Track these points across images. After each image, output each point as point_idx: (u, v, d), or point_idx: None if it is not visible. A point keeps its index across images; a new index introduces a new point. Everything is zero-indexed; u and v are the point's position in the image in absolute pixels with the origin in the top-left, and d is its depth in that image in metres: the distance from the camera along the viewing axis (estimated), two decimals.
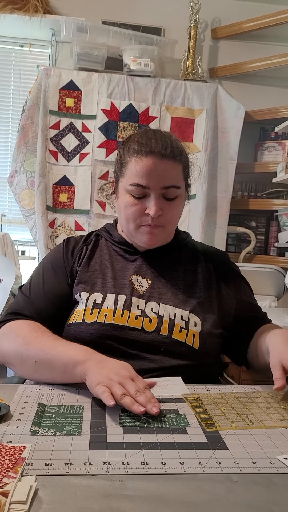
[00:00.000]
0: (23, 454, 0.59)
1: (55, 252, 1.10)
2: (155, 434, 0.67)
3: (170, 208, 0.99)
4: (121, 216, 1.04)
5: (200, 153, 2.39)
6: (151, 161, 0.95)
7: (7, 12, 2.38)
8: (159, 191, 0.97)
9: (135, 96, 2.39)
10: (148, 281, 1.03)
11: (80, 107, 2.38)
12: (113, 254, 1.08)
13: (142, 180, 0.96)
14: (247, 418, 0.73)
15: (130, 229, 1.02)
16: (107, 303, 0.98)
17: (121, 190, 1.02)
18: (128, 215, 1.00)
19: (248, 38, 2.68)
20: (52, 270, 1.06)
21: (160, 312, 0.97)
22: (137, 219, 0.99)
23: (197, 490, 0.54)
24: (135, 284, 1.01)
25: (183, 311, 0.98)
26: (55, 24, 2.46)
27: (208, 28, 2.70)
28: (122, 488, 0.53)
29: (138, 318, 0.96)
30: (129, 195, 0.99)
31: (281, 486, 0.55)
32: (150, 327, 0.96)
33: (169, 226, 1.03)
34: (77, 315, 0.99)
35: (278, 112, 2.56)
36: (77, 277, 1.03)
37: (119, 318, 0.96)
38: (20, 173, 2.38)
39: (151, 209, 0.96)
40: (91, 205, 2.40)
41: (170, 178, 0.97)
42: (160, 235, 1.02)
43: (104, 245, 1.10)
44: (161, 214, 0.98)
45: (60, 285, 1.04)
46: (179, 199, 1.01)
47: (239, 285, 1.10)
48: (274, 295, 2.36)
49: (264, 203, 2.60)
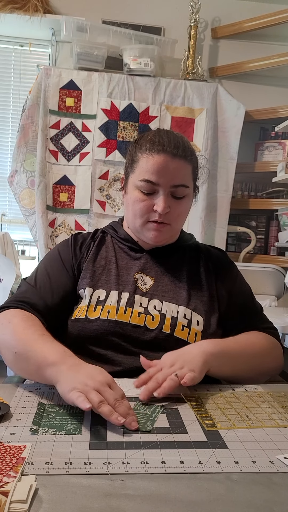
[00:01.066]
0: (23, 453, 0.59)
1: (63, 246, 1.10)
2: (155, 434, 0.67)
3: (177, 206, 1.00)
4: (129, 212, 1.04)
5: (200, 152, 2.39)
6: (163, 159, 0.97)
7: (7, 11, 2.38)
8: (168, 189, 0.98)
9: (135, 95, 2.39)
10: (152, 279, 1.03)
11: (80, 107, 2.38)
12: (118, 251, 1.08)
13: (152, 177, 0.97)
14: (247, 418, 0.73)
15: (137, 225, 1.02)
16: (110, 299, 0.98)
17: (130, 186, 1.03)
18: (136, 210, 1.00)
19: (248, 38, 2.68)
20: (60, 263, 1.05)
21: (162, 310, 0.98)
22: (144, 215, 1.00)
23: (197, 489, 0.54)
24: (138, 282, 1.02)
25: (186, 310, 0.99)
26: (55, 24, 2.46)
27: (208, 27, 2.70)
28: (122, 488, 0.53)
29: (141, 316, 0.97)
30: (138, 191, 1.00)
31: (281, 485, 0.56)
32: (152, 324, 0.96)
33: (175, 225, 1.03)
34: (80, 311, 0.99)
35: (278, 111, 2.56)
36: (83, 272, 1.03)
37: (122, 315, 0.96)
38: (20, 173, 2.38)
39: (159, 205, 0.97)
40: (91, 205, 2.40)
41: (180, 177, 0.98)
42: (166, 233, 1.03)
43: (110, 242, 1.10)
44: (168, 212, 0.99)
45: (67, 278, 1.03)
46: (187, 199, 1.02)
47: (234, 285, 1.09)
48: (274, 295, 2.36)
49: (264, 202, 2.61)
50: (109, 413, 0.67)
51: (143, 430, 0.67)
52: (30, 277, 1.05)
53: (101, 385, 0.71)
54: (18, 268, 2.36)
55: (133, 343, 0.95)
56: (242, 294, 1.10)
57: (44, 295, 0.99)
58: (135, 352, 0.94)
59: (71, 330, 0.98)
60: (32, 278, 1.04)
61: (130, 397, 0.77)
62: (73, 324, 0.99)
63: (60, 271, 1.04)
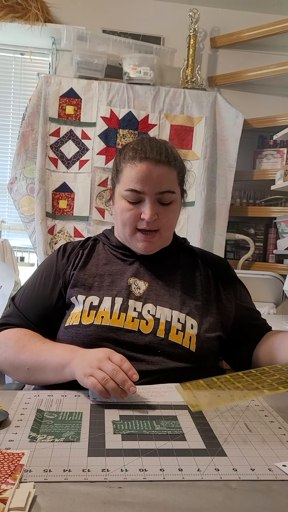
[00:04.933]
0: (21, 460, 0.59)
1: (49, 258, 1.12)
2: (154, 441, 0.66)
3: (165, 213, 1.01)
4: (118, 222, 1.05)
5: (199, 160, 2.41)
6: (146, 167, 0.97)
7: (8, 20, 2.40)
8: (154, 196, 0.98)
9: (134, 104, 2.41)
10: (146, 283, 1.03)
11: (80, 115, 2.40)
12: (111, 257, 1.08)
13: (137, 186, 0.98)
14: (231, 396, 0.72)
15: (126, 234, 1.03)
16: (104, 305, 0.98)
17: (117, 196, 1.03)
18: (124, 220, 1.01)
19: (246, 47, 2.70)
20: (48, 273, 1.07)
21: (156, 314, 0.98)
22: (132, 224, 1.01)
23: (196, 497, 0.54)
24: (132, 287, 1.02)
25: (180, 314, 0.99)
26: (55, 33, 2.48)
27: (207, 37, 2.73)
28: (121, 495, 0.53)
29: (135, 320, 0.97)
30: (125, 200, 1.00)
31: (280, 493, 0.55)
32: (146, 329, 0.96)
33: (165, 231, 1.03)
34: (73, 317, 0.99)
35: (277, 120, 2.58)
36: (73, 280, 1.04)
37: (116, 320, 0.96)
38: (20, 180, 2.39)
39: (146, 213, 0.98)
40: (90, 212, 2.40)
41: (165, 183, 0.99)
42: (156, 242, 1.03)
43: (102, 249, 1.11)
44: (156, 219, 0.99)
45: (52, 290, 1.05)
46: (174, 204, 1.02)
47: (239, 291, 1.11)
48: (272, 302, 2.36)
49: (263, 210, 2.62)
50: (114, 390, 0.77)
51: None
52: (16, 297, 1.09)
53: (101, 362, 0.80)
54: (17, 274, 2.36)
55: (127, 347, 0.95)
56: (249, 299, 1.13)
57: (27, 315, 1.04)
58: (130, 357, 0.94)
59: (65, 337, 0.99)
60: (18, 298, 1.08)
61: (128, 404, 0.77)
62: (67, 331, 0.99)
63: (47, 281, 1.06)
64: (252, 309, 1.12)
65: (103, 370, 0.79)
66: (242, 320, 1.06)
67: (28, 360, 0.92)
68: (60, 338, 1.00)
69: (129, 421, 0.72)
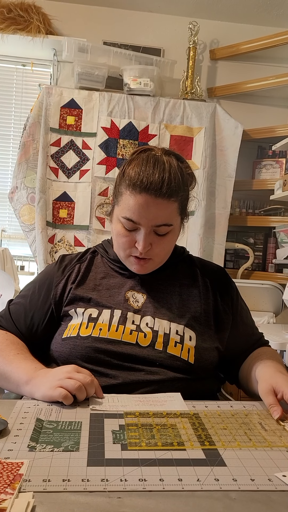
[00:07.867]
0: (20, 470, 0.59)
1: (46, 269, 1.13)
2: (153, 451, 0.66)
3: (159, 243, 0.99)
4: (114, 241, 1.05)
5: (198, 170, 2.42)
6: (144, 199, 0.94)
7: (10, 32, 2.44)
8: (149, 228, 0.96)
9: (135, 114, 2.43)
10: (144, 296, 1.03)
11: (80, 125, 2.42)
12: (109, 270, 1.08)
13: (133, 216, 0.95)
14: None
15: (121, 256, 1.03)
16: (103, 317, 0.98)
17: (115, 217, 1.02)
18: (119, 244, 1.01)
19: (245, 59, 2.74)
20: (37, 290, 1.08)
21: (155, 327, 0.98)
22: (126, 249, 1.00)
23: (195, 507, 0.54)
24: (130, 300, 1.02)
25: (178, 326, 0.98)
26: (57, 44, 2.52)
27: (207, 49, 2.77)
28: (120, 505, 0.53)
29: (133, 333, 0.96)
30: (121, 225, 0.99)
31: (280, 503, 0.55)
32: (144, 341, 0.96)
33: (158, 259, 1.02)
34: (71, 329, 0.99)
35: (275, 131, 2.60)
36: (70, 295, 1.03)
37: (114, 332, 0.96)
38: (21, 189, 2.41)
39: (140, 244, 0.96)
40: (90, 221, 2.41)
41: (162, 217, 0.96)
42: (149, 267, 1.02)
43: (100, 262, 1.10)
44: (150, 248, 0.98)
45: (41, 305, 1.05)
46: (170, 234, 1.00)
47: (236, 304, 1.10)
48: (272, 312, 2.36)
49: (262, 219, 2.63)
50: (78, 390, 0.80)
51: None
52: (15, 299, 1.10)
53: (68, 373, 0.83)
54: (17, 283, 2.36)
55: (125, 359, 0.94)
56: (245, 313, 1.12)
57: (16, 321, 1.05)
58: (128, 367, 0.94)
59: (62, 349, 0.98)
60: (13, 303, 1.09)
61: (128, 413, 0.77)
62: (64, 343, 0.99)
63: (40, 292, 1.07)
64: (247, 323, 1.11)
65: (73, 379, 0.82)
66: (236, 334, 1.06)
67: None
68: (57, 350, 0.99)
69: (129, 431, 0.72)
